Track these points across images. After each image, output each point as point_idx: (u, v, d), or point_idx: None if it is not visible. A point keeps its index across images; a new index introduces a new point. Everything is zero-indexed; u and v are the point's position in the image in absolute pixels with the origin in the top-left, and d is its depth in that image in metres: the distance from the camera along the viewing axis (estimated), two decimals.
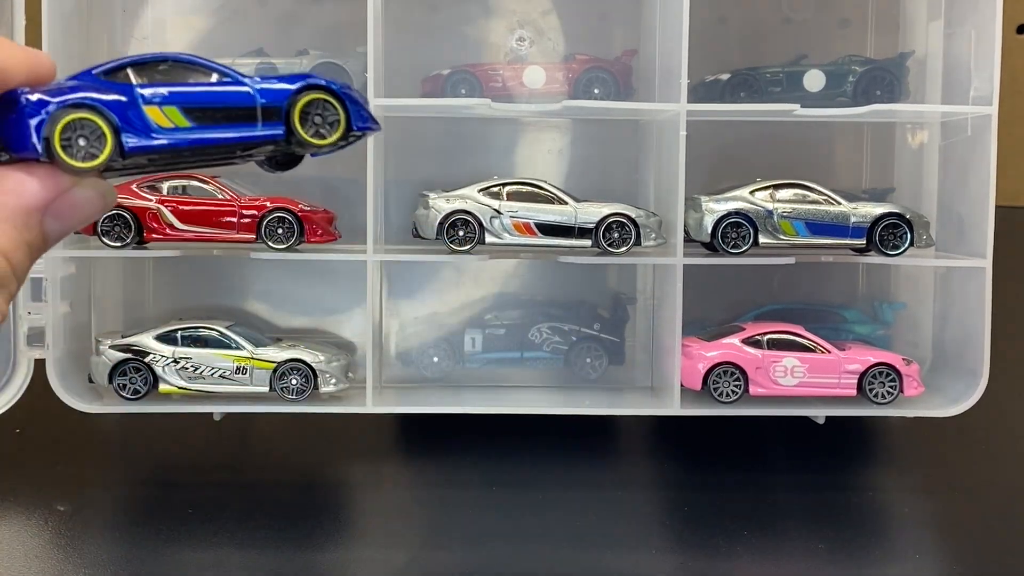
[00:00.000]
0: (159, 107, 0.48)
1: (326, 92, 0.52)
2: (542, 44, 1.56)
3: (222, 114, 0.49)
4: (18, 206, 0.41)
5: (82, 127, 0.45)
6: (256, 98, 0.50)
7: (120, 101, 0.47)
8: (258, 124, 0.50)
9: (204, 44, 1.52)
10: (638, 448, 1.54)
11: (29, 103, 0.45)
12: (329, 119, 0.52)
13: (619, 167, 1.58)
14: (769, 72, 1.50)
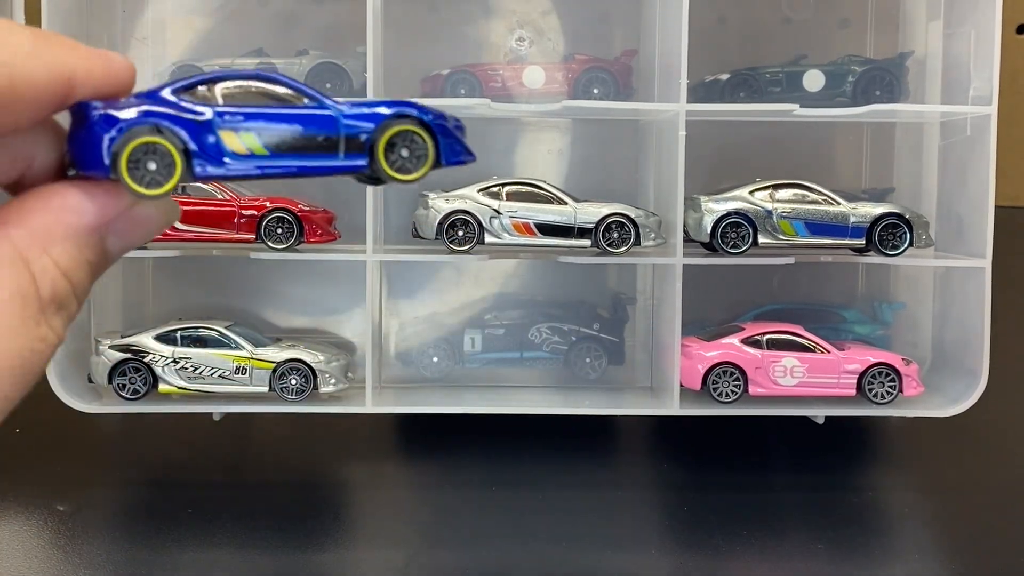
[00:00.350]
0: (235, 132, 0.44)
1: (416, 123, 0.48)
2: (542, 44, 1.56)
3: (302, 142, 0.45)
4: (80, 224, 0.39)
5: (152, 150, 0.42)
6: (340, 127, 0.46)
7: (194, 123, 0.43)
8: (339, 154, 0.46)
9: (204, 44, 1.52)
10: (638, 448, 1.54)
11: (99, 120, 0.41)
12: (416, 152, 0.48)
13: (619, 167, 1.58)
14: (769, 72, 1.50)
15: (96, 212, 0.40)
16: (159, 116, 0.43)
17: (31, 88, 0.36)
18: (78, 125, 0.42)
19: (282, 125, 0.45)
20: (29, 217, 0.38)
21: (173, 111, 0.43)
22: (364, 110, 0.47)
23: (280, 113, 0.45)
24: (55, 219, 0.39)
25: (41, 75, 0.37)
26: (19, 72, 0.36)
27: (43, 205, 0.39)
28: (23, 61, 0.36)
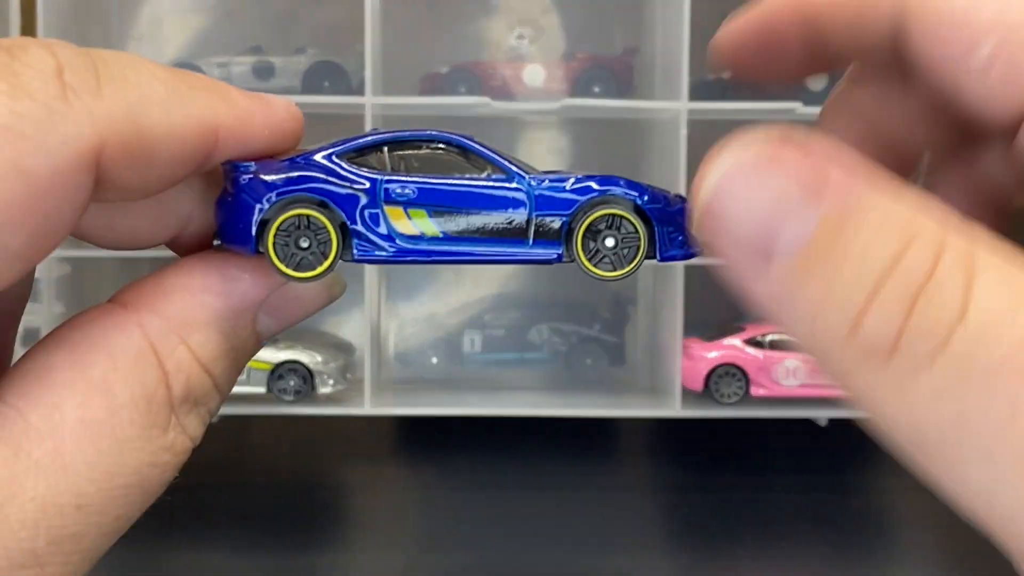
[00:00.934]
0: (404, 209, 0.36)
1: (627, 207, 0.38)
2: (542, 42, 1.55)
3: (483, 225, 0.37)
4: (226, 307, 0.33)
5: (306, 226, 0.35)
6: (531, 207, 0.37)
7: (357, 196, 0.36)
8: (528, 241, 0.38)
9: (201, 42, 1.51)
10: (638, 450, 1.53)
11: (246, 185, 0.34)
12: (626, 243, 0.38)
13: (619, 166, 1.57)
14: None
15: (245, 292, 0.33)
16: (316, 183, 0.35)
17: (164, 142, 0.30)
18: (225, 188, 0.36)
19: (461, 203, 0.37)
20: (166, 299, 0.32)
21: (332, 180, 0.36)
22: (562, 187, 0.38)
23: (459, 188, 0.37)
24: (196, 301, 0.33)
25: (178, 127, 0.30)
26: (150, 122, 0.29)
27: (182, 284, 0.33)
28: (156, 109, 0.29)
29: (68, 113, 0.27)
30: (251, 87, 1.41)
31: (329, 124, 1.53)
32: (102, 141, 0.27)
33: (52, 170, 0.27)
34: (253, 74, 1.44)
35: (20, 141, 0.26)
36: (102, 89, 0.28)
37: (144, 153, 0.29)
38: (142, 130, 0.29)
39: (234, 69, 1.44)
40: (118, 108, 0.28)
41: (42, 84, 0.27)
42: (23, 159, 0.26)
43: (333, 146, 0.37)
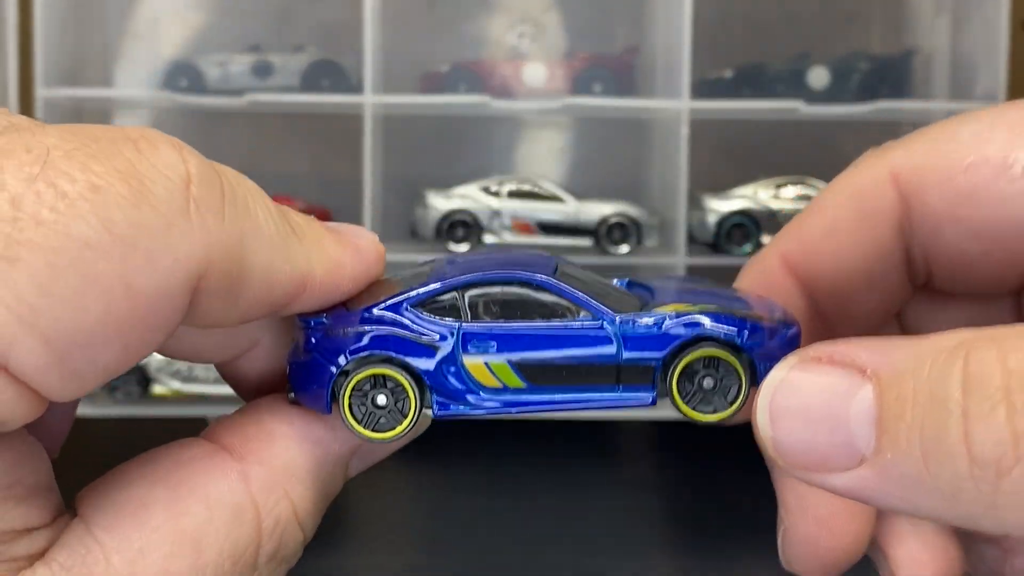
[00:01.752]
0: (484, 360, 0.33)
1: (726, 347, 0.34)
2: (543, 41, 1.55)
3: (569, 371, 0.34)
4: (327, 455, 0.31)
5: (382, 383, 0.33)
6: (620, 351, 0.34)
7: (433, 350, 0.33)
8: (618, 386, 0.35)
9: (199, 40, 1.51)
10: (638, 449, 1.52)
11: (319, 345, 0.33)
12: (726, 384, 0.35)
13: (621, 165, 1.56)
14: (773, 69, 1.48)
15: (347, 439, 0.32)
16: (390, 339, 0.33)
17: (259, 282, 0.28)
18: (296, 343, 0.34)
19: (545, 351, 0.34)
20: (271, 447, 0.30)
21: (409, 334, 0.33)
22: (653, 326, 0.34)
23: (543, 334, 0.34)
24: (301, 450, 0.31)
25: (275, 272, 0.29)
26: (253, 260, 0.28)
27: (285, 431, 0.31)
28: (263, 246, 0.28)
29: (188, 232, 0.25)
30: (250, 85, 1.41)
31: (328, 122, 1.53)
32: (209, 266, 0.26)
33: (159, 291, 0.25)
34: (252, 72, 1.43)
35: (133, 255, 0.24)
36: (224, 211, 0.27)
37: (238, 287, 0.27)
38: (244, 265, 0.27)
39: (233, 67, 1.43)
40: (233, 236, 0.27)
41: (167, 194, 0.25)
42: (133, 275, 0.24)
43: (406, 293, 0.34)
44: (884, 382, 0.25)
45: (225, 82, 1.42)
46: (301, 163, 1.53)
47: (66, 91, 1.35)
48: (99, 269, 0.23)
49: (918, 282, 0.35)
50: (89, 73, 1.46)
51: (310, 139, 1.53)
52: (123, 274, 0.24)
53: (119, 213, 0.24)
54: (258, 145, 1.53)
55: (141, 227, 0.24)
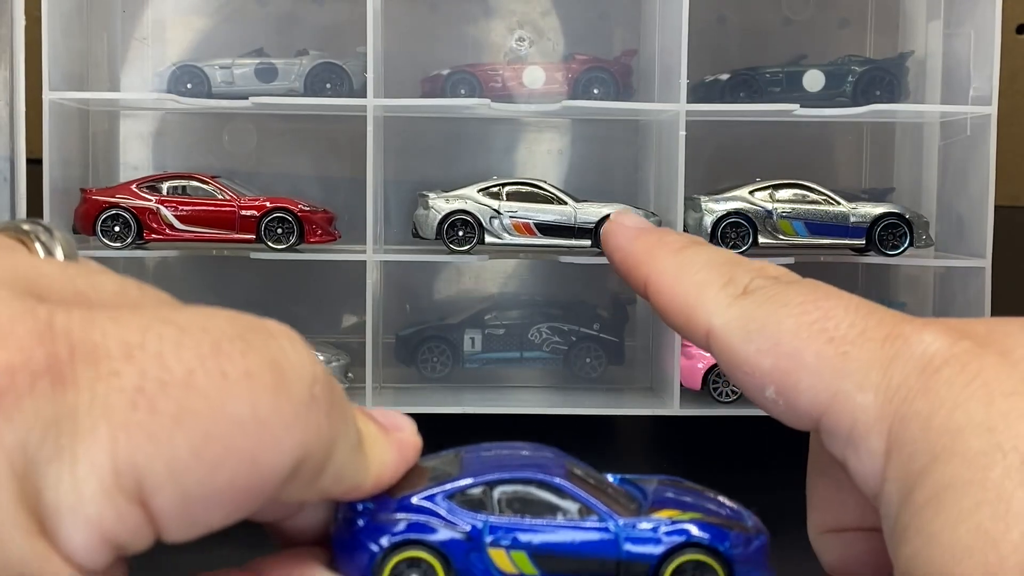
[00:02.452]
0: (506, 551, 0.39)
1: (710, 553, 0.42)
2: (542, 44, 1.56)
3: (576, 565, 0.40)
4: None
5: (417, 566, 0.39)
6: (620, 551, 0.40)
7: (462, 540, 0.39)
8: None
9: (204, 44, 1.52)
10: (637, 448, 1.54)
11: (367, 527, 0.39)
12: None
13: (619, 167, 1.58)
14: (769, 72, 1.50)
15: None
16: (424, 528, 0.39)
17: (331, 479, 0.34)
18: (342, 520, 0.39)
19: (558, 546, 0.40)
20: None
21: (441, 524, 0.39)
22: (653, 533, 0.41)
23: (555, 531, 0.40)
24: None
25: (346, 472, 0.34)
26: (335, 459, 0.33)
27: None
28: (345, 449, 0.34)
29: (306, 424, 0.30)
30: (254, 89, 1.43)
31: (331, 124, 1.55)
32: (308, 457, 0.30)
33: (273, 470, 0.29)
34: (255, 76, 1.45)
35: (265, 436, 0.29)
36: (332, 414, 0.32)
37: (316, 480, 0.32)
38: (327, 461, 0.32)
39: (236, 71, 1.45)
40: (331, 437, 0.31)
41: (299, 389, 0.30)
42: (260, 453, 0.29)
43: (441, 486, 0.40)
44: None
45: (229, 85, 1.44)
46: (304, 165, 1.55)
47: (73, 94, 1.36)
48: (239, 444, 0.28)
49: None
50: (95, 77, 1.47)
51: (313, 141, 1.55)
52: (254, 451, 0.29)
53: (264, 399, 0.29)
54: (262, 147, 1.55)
55: (277, 413, 0.29)
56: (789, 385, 0.36)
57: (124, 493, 0.27)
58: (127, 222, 1.36)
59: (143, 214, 1.37)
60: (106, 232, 1.35)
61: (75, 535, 0.26)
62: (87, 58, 1.45)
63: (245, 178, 1.47)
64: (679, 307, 0.41)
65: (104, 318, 0.28)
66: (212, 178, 1.41)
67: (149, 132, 1.56)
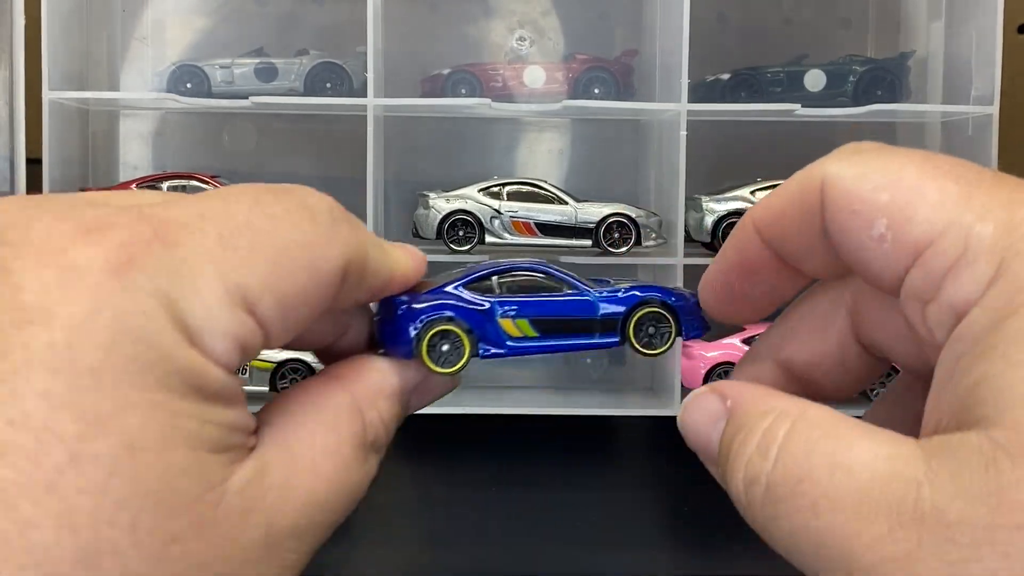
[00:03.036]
0: (512, 320, 0.52)
1: (661, 306, 0.54)
2: (542, 44, 1.56)
3: (565, 325, 0.52)
4: (397, 386, 0.47)
5: (447, 336, 0.50)
6: (597, 311, 0.53)
7: (478, 313, 0.51)
8: (595, 334, 0.53)
9: (204, 44, 1.52)
10: (638, 448, 1.54)
11: (406, 312, 0.49)
12: (661, 330, 0.54)
13: (619, 167, 1.58)
14: (770, 72, 1.50)
15: (409, 379, 0.48)
16: (451, 308, 0.51)
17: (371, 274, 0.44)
18: (386, 314, 0.49)
19: (551, 312, 0.52)
20: (363, 377, 0.46)
21: (462, 304, 0.51)
22: (618, 295, 0.54)
23: (548, 303, 0.52)
24: (382, 381, 0.46)
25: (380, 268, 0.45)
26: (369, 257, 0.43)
27: (372, 368, 0.46)
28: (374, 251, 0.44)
29: (338, 235, 0.40)
30: (254, 88, 1.42)
31: (331, 124, 1.55)
32: (349, 261, 0.40)
33: (330, 273, 0.39)
34: (255, 75, 1.45)
35: (316, 250, 0.39)
36: (353, 225, 0.42)
37: (362, 278, 0.42)
38: (365, 261, 0.42)
39: (236, 71, 1.44)
40: (359, 241, 0.41)
41: (325, 216, 0.40)
42: (318, 261, 0.39)
43: (458, 280, 0.53)
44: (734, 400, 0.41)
45: (229, 85, 1.44)
46: (304, 164, 1.55)
47: (72, 94, 1.36)
48: (300, 257, 0.38)
49: None
50: (95, 76, 1.47)
51: (313, 141, 1.55)
52: (310, 260, 0.38)
53: (305, 225, 0.39)
54: (262, 147, 1.55)
55: (317, 232, 0.39)
56: (904, 217, 0.37)
57: (238, 305, 0.35)
58: None
59: None
60: None
61: (216, 341, 0.35)
62: (87, 57, 1.45)
63: (245, 178, 1.47)
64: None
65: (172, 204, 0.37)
66: (212, 178, 1.41)
67: (149, 132, 1.56)
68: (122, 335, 0.32)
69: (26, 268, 0.32)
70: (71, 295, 0.32)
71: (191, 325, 0.34)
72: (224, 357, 0.35)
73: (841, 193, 0.40)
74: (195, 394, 0.34)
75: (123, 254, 0.33)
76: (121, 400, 0.32)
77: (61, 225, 0.34)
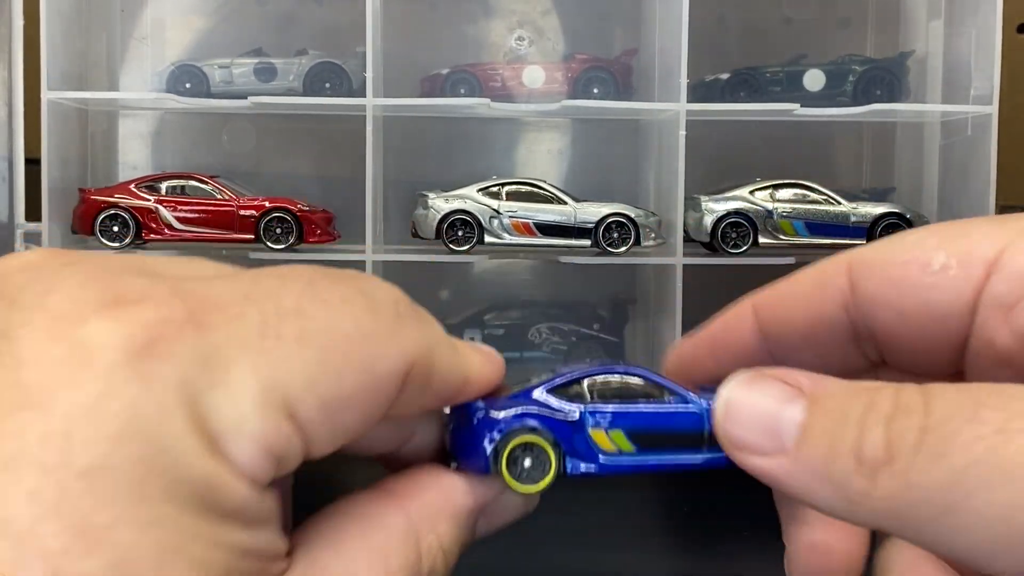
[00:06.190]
0: (606, 431, 0.44)
1: None
2: (542, 44, 1.56)
3: (668, 439, 0.45)
4: (464, 507, 0.41)
5: (530, 450, 0.43)
6: (705, 422, 0.44)
7: (566, 423, 0.44)
8: (703, 449, 0.45)
9: (203, 44, 1.52)
10: None
11: (483, 420, 0.43)
12: None
13: (619, 167, 1.58)
14: (769, 71, 1.50)
15: (480, 497, 0.42)
16: (535, 417, 0.44)
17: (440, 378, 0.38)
18: (459, 422, 0.44)
19: (651, 424, 0.45)
20: (425, 492, 0.40)
21: (547, 412, 0.44)
22: None
23: (648, 411, 0.45)
24: (445, 499, 0.40)
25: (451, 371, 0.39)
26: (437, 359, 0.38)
27: (434, 484, 0.40)
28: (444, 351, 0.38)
29: (402, 334, 0.35)
30: (253, 88, 1.42)
31: (330, 124, 1.55)
32: (413, 363, 0.35)
33: (388, 374, 0.34)
34: (255, 75, 1.44)
35: (373, 346, 0.34)
36: (421, 321, 0.37)
37: (429, 382, 0.37)
38: (433, 365, 0.37)
39: (235, 71, 1.44)
40: (426, 340, 0.36)
41: (388, 307, 0.35)
42: (373, 360, 0.34)
43: (544, 384, 0.45)
44: (814, 399, 0.34)
45: (228, 85, 1.44)
46: (303, 164, 1.55)
47: (71, 94, 1.36)
48: (354, 354, 0.33)
49: (873, 358, 0.42)
50: (94, 76, 1.47)
51: (312, 141, 1.54)
52: (366, 359, 0.33)
53: (363, 316, 0.34)
54: (261, 147, 1.54)
55: (377, 326, 0.34)
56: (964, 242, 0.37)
57: (274, 407, 0.30)
58: (126, 222, 1.36)
59: (142, 214, 1.37)
60: (105, 232, 1.35)
61: (243, 450, 0.30)
62: (86, 57, 1.45)
63: (244, 178, 1.47)
64: None
65: (215, 281, 0.33)
66: (211, 178, 1.41)
67: (148, 132, 1.56)
68: (130, 432, 0.28)
69: (34, 340, 0.28)
70: (78, 378, 0.28)
71: (214, 427, 0.29)
72: (251, 468, 0.30)
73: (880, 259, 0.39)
74: (209, 511, 0.29)
75: (147, 335, 0.29)
76: (117, 511, 0.27)
77: (84, 292, 0.30)
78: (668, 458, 0.45)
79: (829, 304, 0.41)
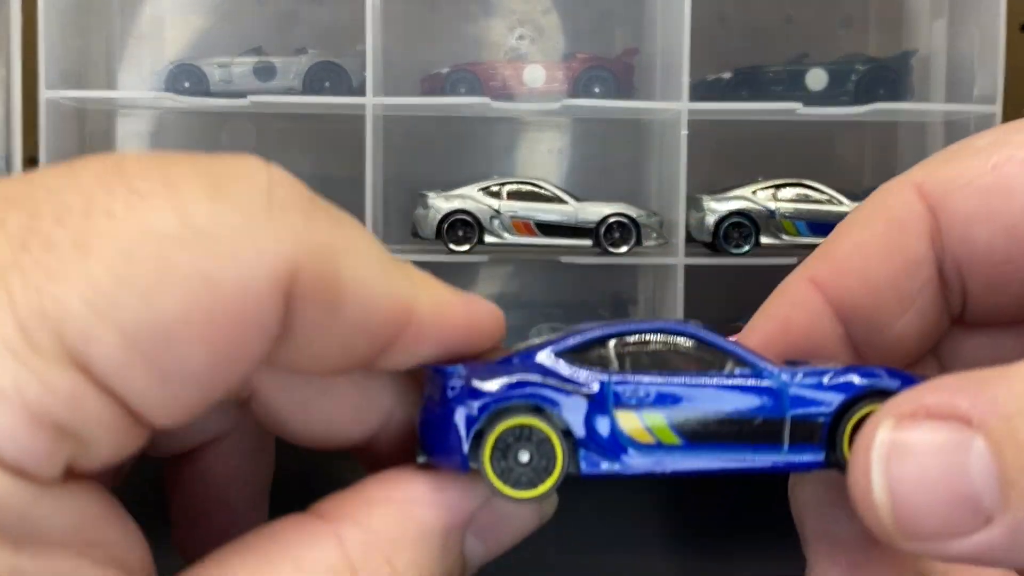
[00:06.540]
0: (636, 412, 0.30)
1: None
2: (542, 43, 1.55)
3: (728, 427, 0.30)
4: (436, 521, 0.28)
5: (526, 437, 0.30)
6: (786, 405, 0.30)
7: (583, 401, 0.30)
8: (783, 445, 0.31)
9: (202, 42, 1.51)
10: None
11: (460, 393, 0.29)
12: None
13: (620, 166, 1.57)
14: (771, 71, 1.49)
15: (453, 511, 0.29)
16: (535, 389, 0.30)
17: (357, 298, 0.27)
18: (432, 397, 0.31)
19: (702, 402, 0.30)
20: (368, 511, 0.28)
21: (554, 383, 0.30)
22: (820, 381, 0.31)
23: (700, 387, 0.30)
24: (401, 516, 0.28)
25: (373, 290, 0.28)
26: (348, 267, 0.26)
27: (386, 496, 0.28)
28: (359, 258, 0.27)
29: (268, 226, 0.24)
30: (252, 87, 1.42)
31: (330, 123, 1.54)
32: (297, 266, 0.24)
33: (242, 285, 0.23)
34: (254, 74, 1.44)
35: (211, 247, 0.23)
36: (313, 213, 0.26)
37: (334, 299, 0.26)
38: (339, 272, 0.25)
39: (235, 69, 1.44)
40: (323, 236, 0.25)
41: (247, 193, 0.25)
42: (212, 267, 0.23)
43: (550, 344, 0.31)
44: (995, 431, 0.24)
45: (228, 84, 1.43)
46: (303, 164, 1.54)
47: (69, 93, 1.36)
48: (176, 260, 0.22)
49: (954, 309, 0.34)
50: (92, 75, 1.46)
51: (312, 140, 1.54)
52: (201, 266, 0.23)
53: (196, 207, 0.23)
54: (261, 146, 1.54)
55: (219, 221, 0.23)
56: None
57: (40, 347, 0.21)
58: None
59: None
60: None
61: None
62: (84, 56, 1.44)
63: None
64: None
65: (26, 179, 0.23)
66: None
67: (147, 131, 1.55)
68: None
69: None
70: None
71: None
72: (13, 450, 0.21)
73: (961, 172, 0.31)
74: None
75: None
76: None
77: None
78: (730, 457, 0.31)
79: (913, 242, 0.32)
